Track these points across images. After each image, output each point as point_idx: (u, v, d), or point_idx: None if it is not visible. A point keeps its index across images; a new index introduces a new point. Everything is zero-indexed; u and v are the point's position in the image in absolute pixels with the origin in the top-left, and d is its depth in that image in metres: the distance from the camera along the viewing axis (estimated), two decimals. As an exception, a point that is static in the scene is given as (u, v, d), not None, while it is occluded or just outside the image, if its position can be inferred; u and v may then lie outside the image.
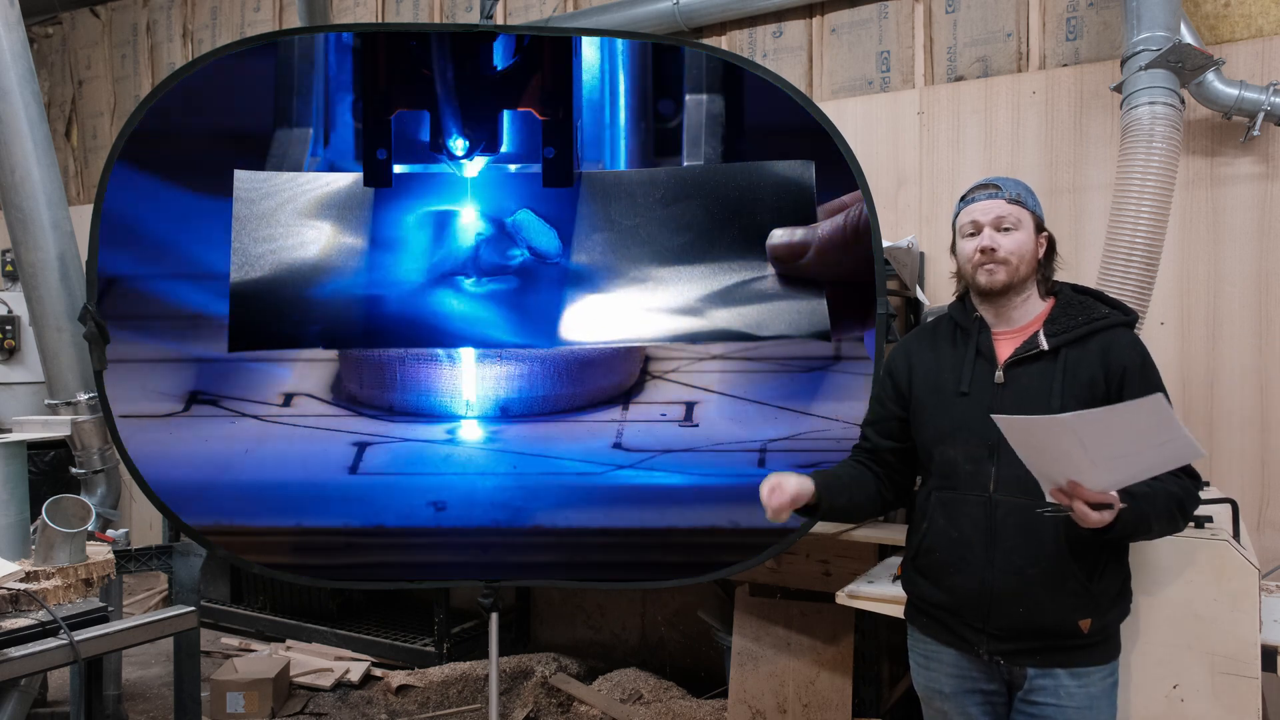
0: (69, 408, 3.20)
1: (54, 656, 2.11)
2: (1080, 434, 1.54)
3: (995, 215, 1.86)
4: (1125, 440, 1.55)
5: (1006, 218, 1.85)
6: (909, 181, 3.80)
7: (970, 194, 1.92)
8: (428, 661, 4.24)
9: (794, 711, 3.39)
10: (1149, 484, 1.72)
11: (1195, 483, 1.81)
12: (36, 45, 6.49)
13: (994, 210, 1.86)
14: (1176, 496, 1.75)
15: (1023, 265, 1.85)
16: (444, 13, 5.06)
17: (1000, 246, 1.83)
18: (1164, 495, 1.74)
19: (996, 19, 3.68)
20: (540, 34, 2.81)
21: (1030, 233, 1.87)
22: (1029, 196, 1.89)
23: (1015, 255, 1.84)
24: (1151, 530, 1.76)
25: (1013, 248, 1.84)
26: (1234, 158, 3.25)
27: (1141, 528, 1.74)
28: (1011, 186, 1.88)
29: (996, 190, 1.88)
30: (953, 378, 1.90)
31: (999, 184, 1.89)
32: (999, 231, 1.85)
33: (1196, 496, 1.81)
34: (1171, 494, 1.75)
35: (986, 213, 1.86)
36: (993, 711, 1.89)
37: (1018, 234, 1.85)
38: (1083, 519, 1.62)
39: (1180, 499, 1.76)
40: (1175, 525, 1.79)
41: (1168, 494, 1.74)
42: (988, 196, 1.88)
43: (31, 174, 3.06)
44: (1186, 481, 1.78)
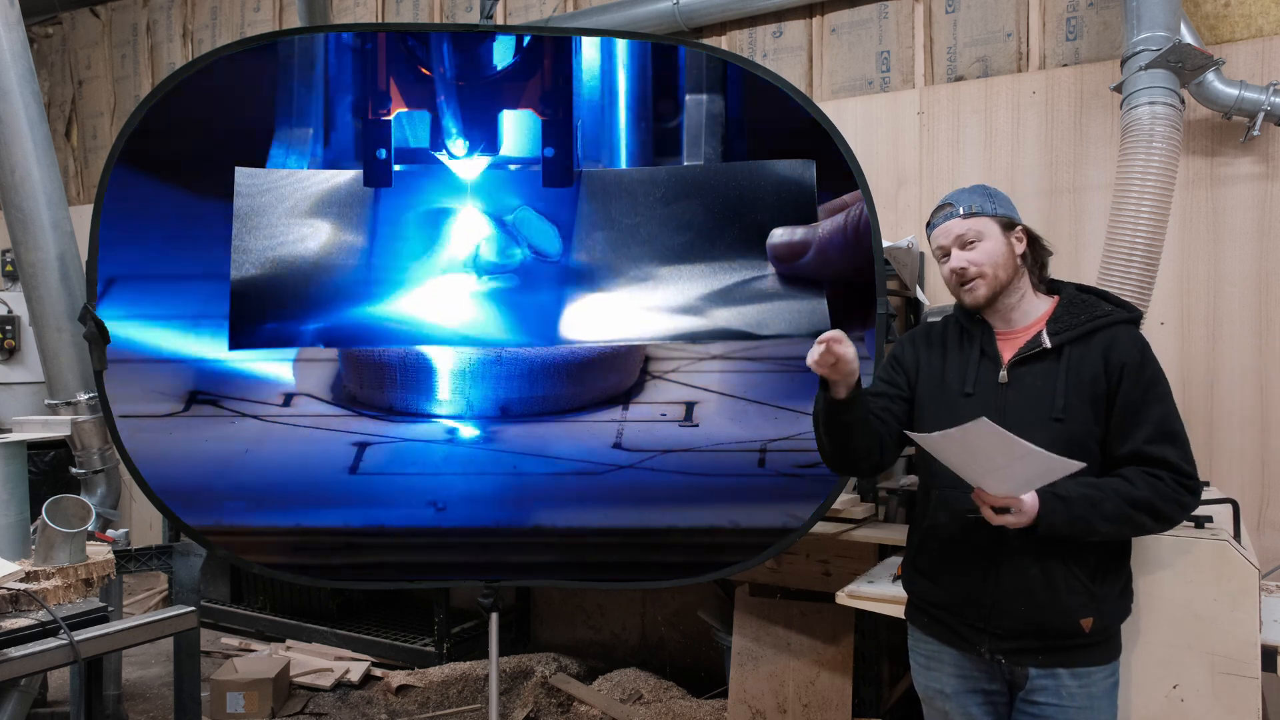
0: (69, 408, 3.20)
1: (54, 656, 2.11)
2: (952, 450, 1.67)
3: (955, 235, 1.87)
4: (986, 458, 1.63)
5: (966, 234, 1.86)
6: (909, 181, 3.80)
7: (931, 219, 1.93)
8: (428, 661, 4.24)
9: (794, 711, 3.39)
10: (1094, 485, 1.73)
11: (1183, 480, 1.75)
12: (36, 45, 6.49)
13: (953, 231, 1.87)
14: (1138, 498, 1.72)
15: (1000, 271, 1.85)
16: (444, 13, 5.06)
17: (969, 264, 1.85)
18: (1115, 498, 1.72)
19: (996, 19, 3.68)
20: (540, 34, 2.81)
21: (997, 239, 1.85)
22: (986, 202, 1.87)
23: (987, 266, 1.84)
24: (1096, 530, 1.73)
25: (982, 259, 1.84)
26: (1234, 158, 3.25)
27: (1080, 528, 1.72)
28: (965, 199, 1.88)
29: (951, 209, 1.88)
30: (957, 379, 1.90)
31: (953, 201, 1.89)
32: (963, 249, 1.86)
33: (1181, 497, 1.75)
34: (1131, 496, 1.72)
35: (947, 235, 1.88)
36: (994, 711, 1.89)
37: (984, 244, 1.85)
38: (989, 519, 1.73)
39: (1146, 500, 1.72)
40: (1139, 526, 1.76)
41: (1124, 496, 1.72)
42: (945, 218, 1.89)
43: (31, 174, 3.06)
44: (1166, 482, 1.74)
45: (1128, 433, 1.77)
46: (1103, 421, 1.79)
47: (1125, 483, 1.74)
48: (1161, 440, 1.76)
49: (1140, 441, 1.76)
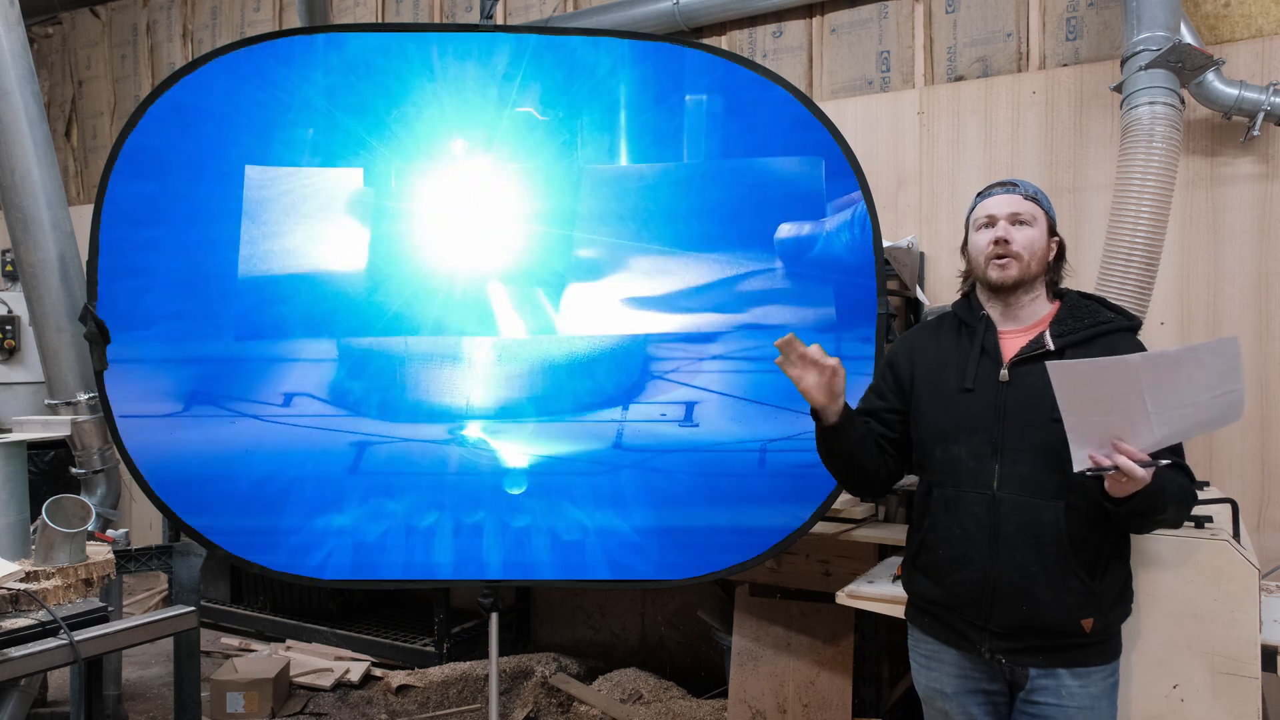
0: (69, 408, 3.20)
1: (54, 656, 2.11)
2: (1146, 379, 1.55)
3: (1011, 210, 1.88)
4: (1189, 388, 1.55)
5: (1022, 213, 1.88)
6: (909, 181, 3.80)
7: (988, 190, 1.95)
8: (428, 661, 4.24)
9: (794, 711, 3.39)
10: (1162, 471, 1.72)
11: (1193, 484, 1.81)
12: (36, 45, 6.49)
13: (1010, 205, 1.89)
14: (1185, 488, 1.76)
15: (1034, 262, 1.87)
16: (444, 13, 5.06)
17: (1014, 239, 1.86)
18: (1175, 483, 1.74)
19: (996, 19, 3.68)
20: (540, 34, 2.81)
21: (1044, 231, 1.90)
22: (1044, 199, 1.93)
23: (1027, 250, 1.86)
24: (1165, 513, 1.72)
25: (1025, 242, 1.86)
26: (1234, 158, 3.25)
27: (1157, 505, 1.69)
28: (1030, 186, 1.92)
29: (1014, 187, 1.91)
30: (957, 374, 1.90)
31: (1016, 182, 1.93)
32: (1014, 225, 1.87)
33: (1194, 494, 1.81)
34: (1180, 484, 1.75)
35: (1003, 207, 1.89)
36: (994, 711, 1.89)
37: (1032, 230, 1.88)
38: (1130, 473, 1.59)
39: (1187, 491, 1.76)
40: (1180, 516, 1.80)
41: (1175, 482, 1.74)
42: (1005, 191, 1.91)
43: (31, 174, 3.06)
44: (1186, 480, 1.78)
45: None
46: None
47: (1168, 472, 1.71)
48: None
49: None
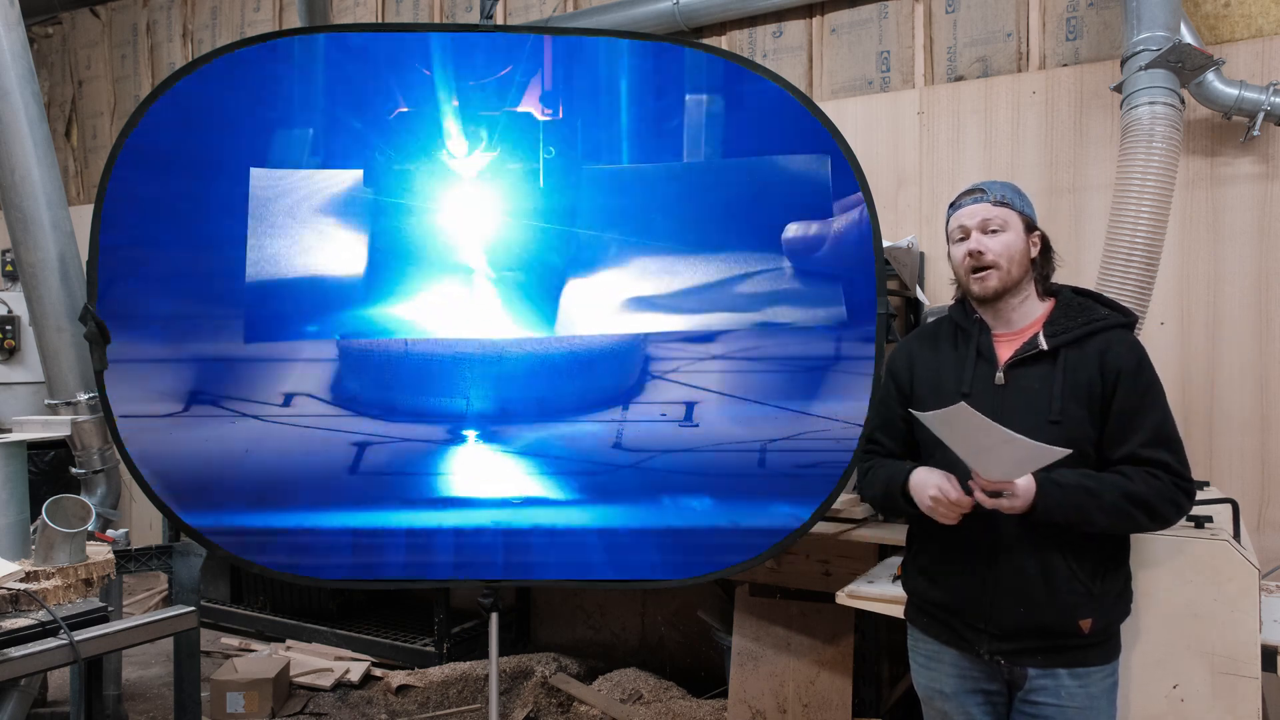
0: (69, 408, 3.20)
1: (54, 656, 2.11)
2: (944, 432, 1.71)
3: (980, 219, 1.87)
4: (973, 441, 1.67)
5: (992, 220, 1.86)
6: (909, 181, 3.80)
7: (956, 200, 1.93)
8: (428, 661, 4.24)
9: (794, 711, 3.39)
10: (1093, 477, 1.74)
11: (1179, 482, 1.75)
12: (36, 45, 6.49)
13: (979, 214, 1.87)
14: (1136, 494, 1.72)
15: (1013, 267, 1.85)
16: (444, 13, 5.06)
17: (987, 250, 1.85)
18: (1114, 491, 1.72)
19: (996, 19, 3.68)
20: (540, 34, 2.81)
21: (1019, 233, 1.87)
22: (1016, 197, 1.90)
23: (1003, 257, 1.84)
24: (1093, 521, 1.74)
25: (1000, 249, 1.85)
26: (1234, 158, 3.25)
27: (1076, 516, 1.73)
28: (997, 189, 1.89)
29: (982, 194, 1.89)
30: (954, 379, 1.90)
31: (984, 188, 1.90)
32: (985, 234, 1.86)
33: (1176, 497, 1.75)
34: (1129, 491, 1.72)
35: (972, 217, 1.88)
36: (994, 711, 1.89)
37: (1005, 235, 1.86)
38: (983, 504, 1.74)
39: (1144, 497, 1.72)
40: (1135, 522, 1.75)
41: (1122, 490, 1.72)
42: (973, 201, 1.89)
43: (31, 174, 3.06)
44: (1163, 480, 1.74)
45: (1124, 437, 1.78)
46: (1098, 425, 1.79)
47: (1124, 478, 1.74)
48: (1157, 444, 1.76)
49: (1136, 445, 1.76)
